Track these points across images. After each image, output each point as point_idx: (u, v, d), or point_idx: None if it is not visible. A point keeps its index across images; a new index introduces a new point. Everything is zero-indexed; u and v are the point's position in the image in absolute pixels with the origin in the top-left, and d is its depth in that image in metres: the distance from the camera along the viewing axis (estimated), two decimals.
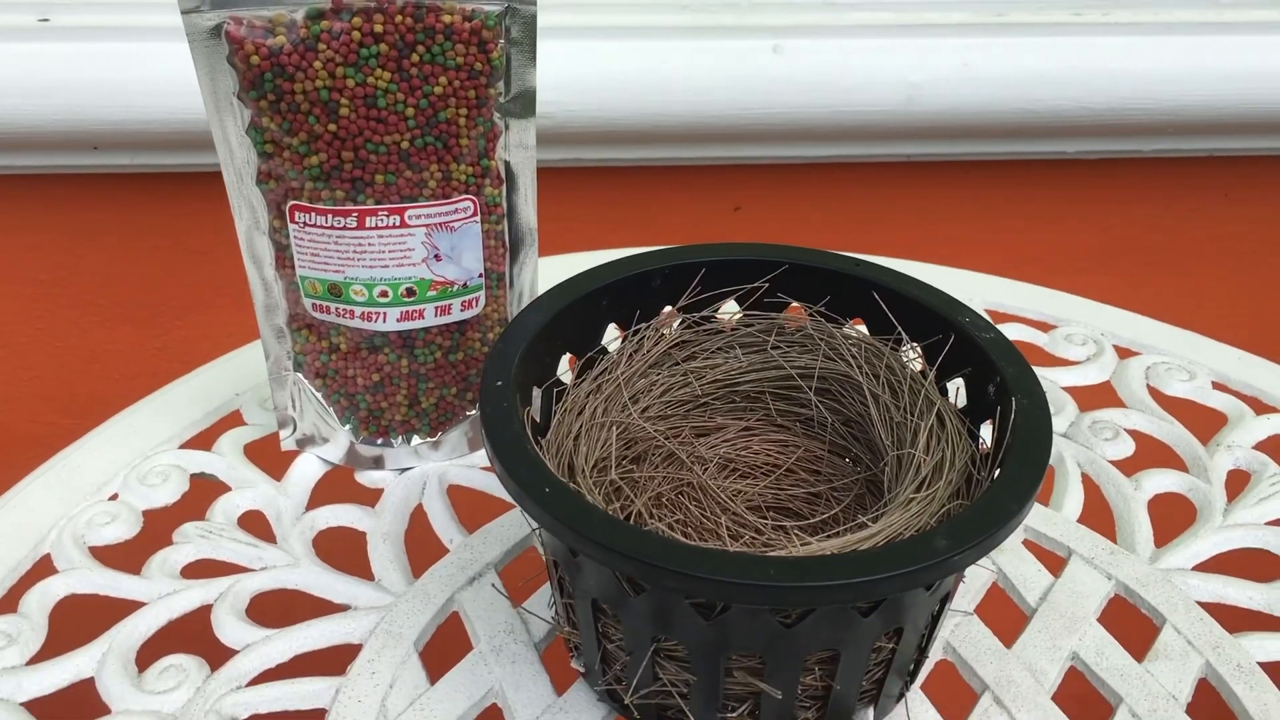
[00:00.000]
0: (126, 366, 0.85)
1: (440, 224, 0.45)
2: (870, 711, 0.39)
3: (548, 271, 0.50)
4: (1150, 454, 0.53)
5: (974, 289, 0.64)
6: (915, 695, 0.42)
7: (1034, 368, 0.51)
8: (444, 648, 0.45)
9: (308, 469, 0.51)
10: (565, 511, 0.34)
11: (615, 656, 0.39)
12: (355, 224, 0.45)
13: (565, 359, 0.44)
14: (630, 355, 0.45)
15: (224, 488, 0.51)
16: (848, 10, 0.77)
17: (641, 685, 0.38)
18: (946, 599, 0.38)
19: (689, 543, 0.33)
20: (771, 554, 0.34)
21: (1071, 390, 0.57)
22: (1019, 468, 0.36)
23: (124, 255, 0.81)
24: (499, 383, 0.39)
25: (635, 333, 0.45)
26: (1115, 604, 0.46)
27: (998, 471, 0.36)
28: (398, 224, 0.45)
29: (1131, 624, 0.46)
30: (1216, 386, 0.57)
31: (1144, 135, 0.80)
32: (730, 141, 0.76)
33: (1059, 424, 0.54)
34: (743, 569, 0.32)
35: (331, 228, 0.45)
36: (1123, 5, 0.79)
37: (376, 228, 0.45)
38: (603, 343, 0.45)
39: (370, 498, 0.50)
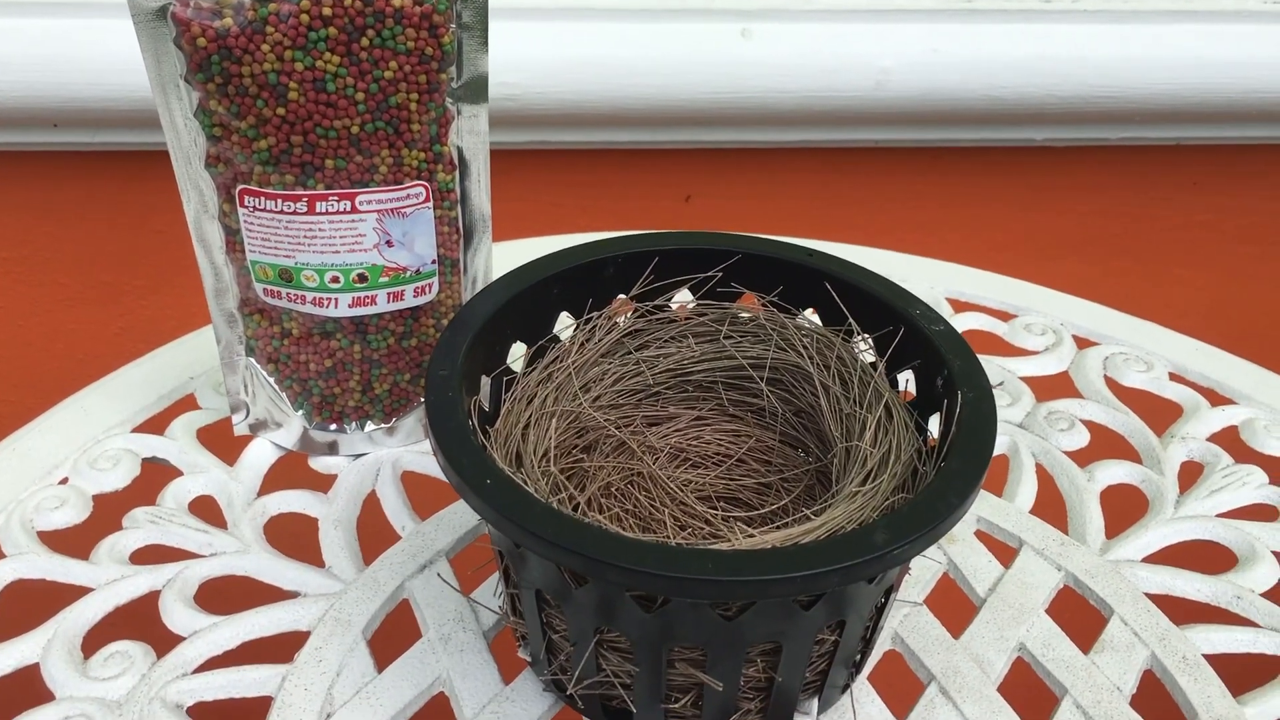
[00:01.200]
0: (89, 347, 0.85)
1: (392, 210, 0.45)
2: (815, 702, 0.39)
3: (502, 257, 0.50)
4: (1105, 445, 0.53)
5: (936, 277, 0.64)
6: (861, 686, 0.42)
7: (993, 357, 0.51)
8: (393, 636, 0.45)
9: (261, 454, 0.51)
10: (506, 504, 0.34)
11: (560, 647, 0.39)
12: (305, 209, 0.44)
13: (516, 347, 0.44)
14: (582, 344, 0.45)
15: (176, 472, 0.50)
16: None
17: (585, 676, 0.38)
18: (891, 590, 0.38)
19: (630, 536, 0.33)
20: (712, 547, 0.33)
21: (1029, 380, 0.57)
22: (962, 461, 0.36)
23: (87, 234, 0.80)
24: (444, 372, 0.39)
25: (587, 321, 0.45)
26: (1064, 595, 0.46)
27: (942, 465, 0.36)
28: (349, 209, 0.45)
29: (1080, 615, 0.46)
30: (1173, 378, 0.58)
31: (1111, 123, 0.80)
32: (698, 125, 0.76)
33: (1015, 414, 0.54)
34: (682, 563, 0.32)
35: (281, 212, 0.44)
36: None
37: (327, 213, 0.44)
38: (554, 331, 0.45)
39: (323, 484, 0.50)
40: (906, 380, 0.42)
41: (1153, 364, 0.58)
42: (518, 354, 0.44)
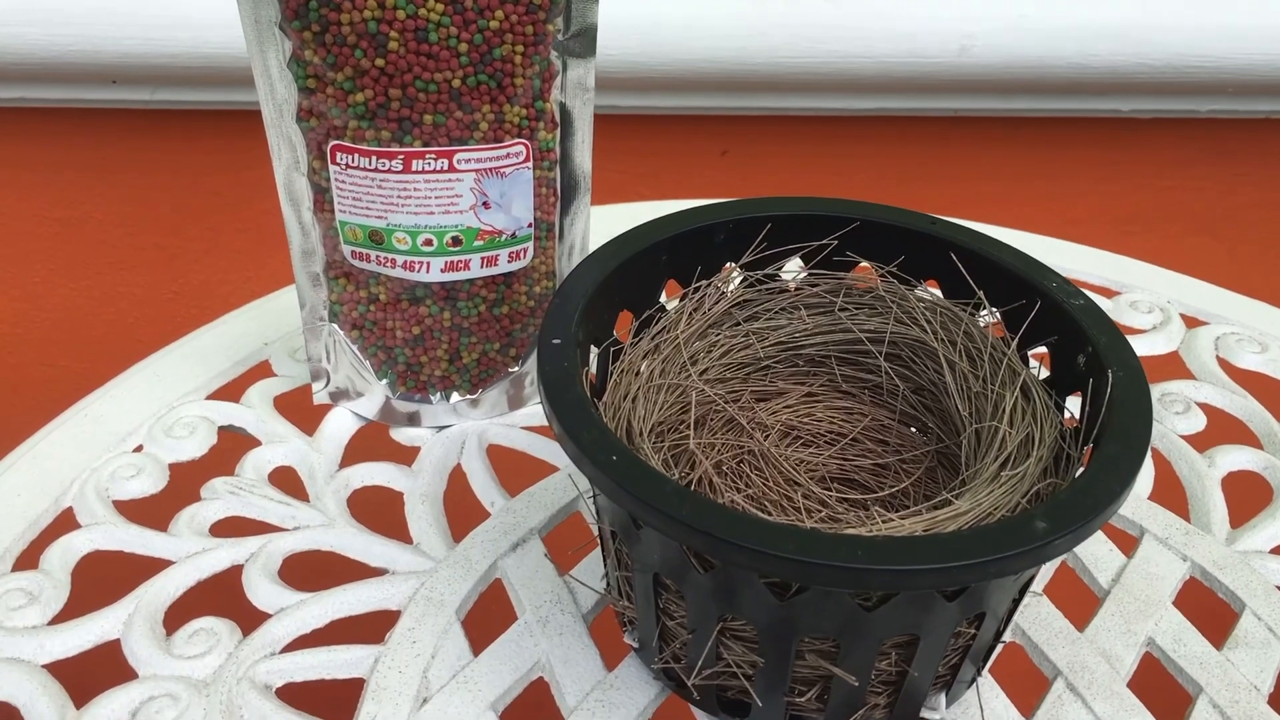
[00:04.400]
0: (141, 310, 0.83)
1: (490, 169, 0.43)
2: (943, 697, 0.37)
3: (596, 223, 0.47)
4: (1222, 429, 0.51)
5: (1031, 250, 0.61)
6: (986, 680, 0.40)
7: None
8: (487, 617, 0.43)
9: (341, 424, 0.49)
10: (634, 481, 0.32)
11: (675, 634, 0.36)
12: (400, 167, 0.42)
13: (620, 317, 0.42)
14: (690, 314, 0.42)
15: (254, 442, 0.48)
16: None
17: (704, 666, 0.36)
18: (1028, 583, 0.36)
19: (768, 518, 0.31)
20: (857, 533, 0.31)
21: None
22: (1120, 445, 0.33)
23: (141, 195, 0.78)
24: (557, 340, 0.36)
25: (695, 290, 0.42)
26: (1190, 586, 0.44)
27: (1093, 449, 0.34)
28: (445, 168, 0.42)
29: (1209, 608, 0.44)
30: None
31: (1201, 94, 0.77)
32: (777, 91, 0.73)
33: None
34: (829, 549, 0.30)
35: (375, 170, 0.42)
36: None
37: (423, 171, 0.42)
38: (661, 300, 0.42)
39: (406, 456, 0.48)
40: (1040, 359, 0.40)
41: (1267, 345, 0.55)
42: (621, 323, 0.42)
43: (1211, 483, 0.48)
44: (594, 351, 0.40)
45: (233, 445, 0.48)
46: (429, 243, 0.44)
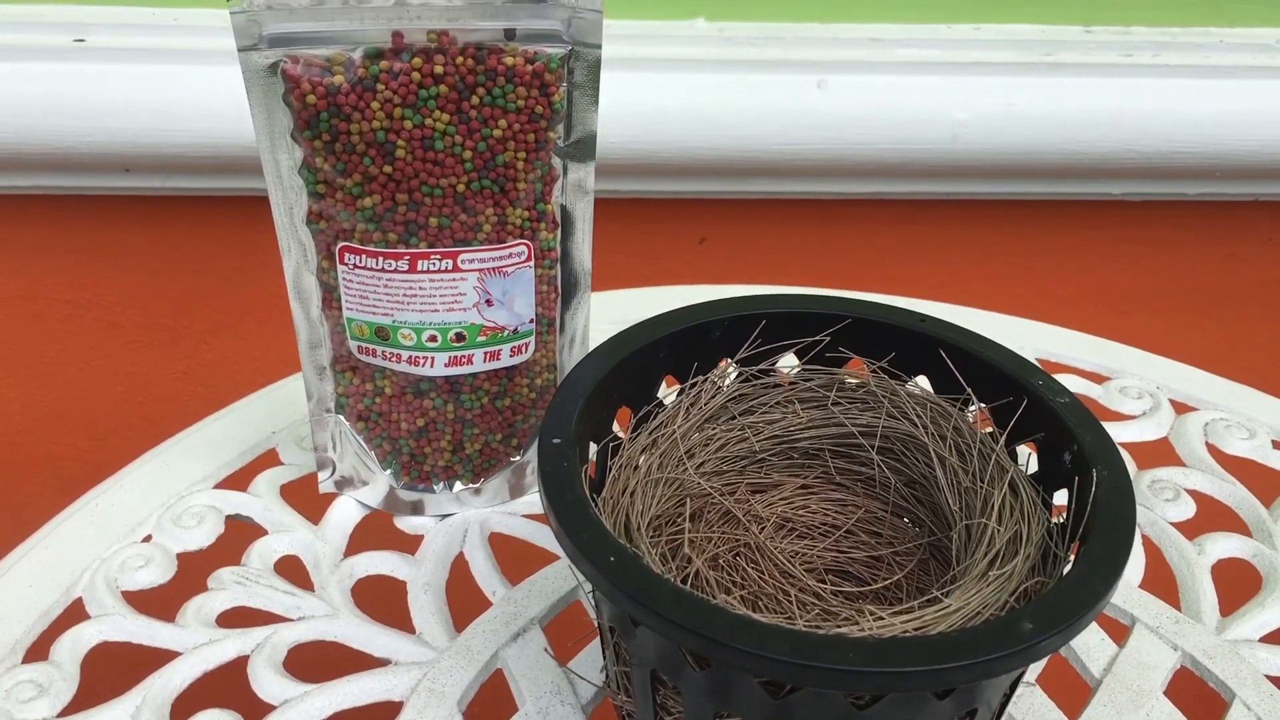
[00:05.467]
0: (150, 390, 0.84)
1: (493, 269, 0.44)
2: None
3: (595, 308, 0.49)
4: (1211, 516, 0.52)
5: (1023, 336, 0.63)
6: None
7: None
8: (487, 708, 0.43)
9: (346, 513, 0.50)
10: (631, 581, 0.32)
11: None
12: (407, 267, 0.43)
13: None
14: (686, 409, 0.43)
15: (260, 530, 0.49)
16: (894, 47, 0.76)
17: None
18: (1020, 676, 0.37)
19: (761, 619, 0.32)
20: (846, 633, 0.32)
21: (1128, 446, 0.55)
22: (1105, 545, 0.34)
23: (150, 278, 0.80)
24: (557, 440, 0.38)
25: (692, 385, 0.44)
26: (1180, 676, 0.45)
27: (1079, 548, 0.35)
28: (450, 268, 0.44)
29: (1198, 698, 0.44)
30: (1277, 445, 0.56)
31: (1190, 178, 0.79)
32: (772, 177, 0.75)
33: None
34: (820, 651, 0.30)
35: (382, 270, 0.43)
36: (1172, 48, 0.78)
37: (428, 271, 0.44)
38: (658, 395, 0.44)
39: (410, 544, 0.49)
40: (1026, 455, 0.41)
41: (1255, 430, 0.56)
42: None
43: (1201, 570, 0.48)
44: (594, 447, 0.41)
45: (240, 533, 0.49)
46: (433, 339, 0.45)
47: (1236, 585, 0.49)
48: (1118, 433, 0.56)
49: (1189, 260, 0.86)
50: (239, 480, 0.52)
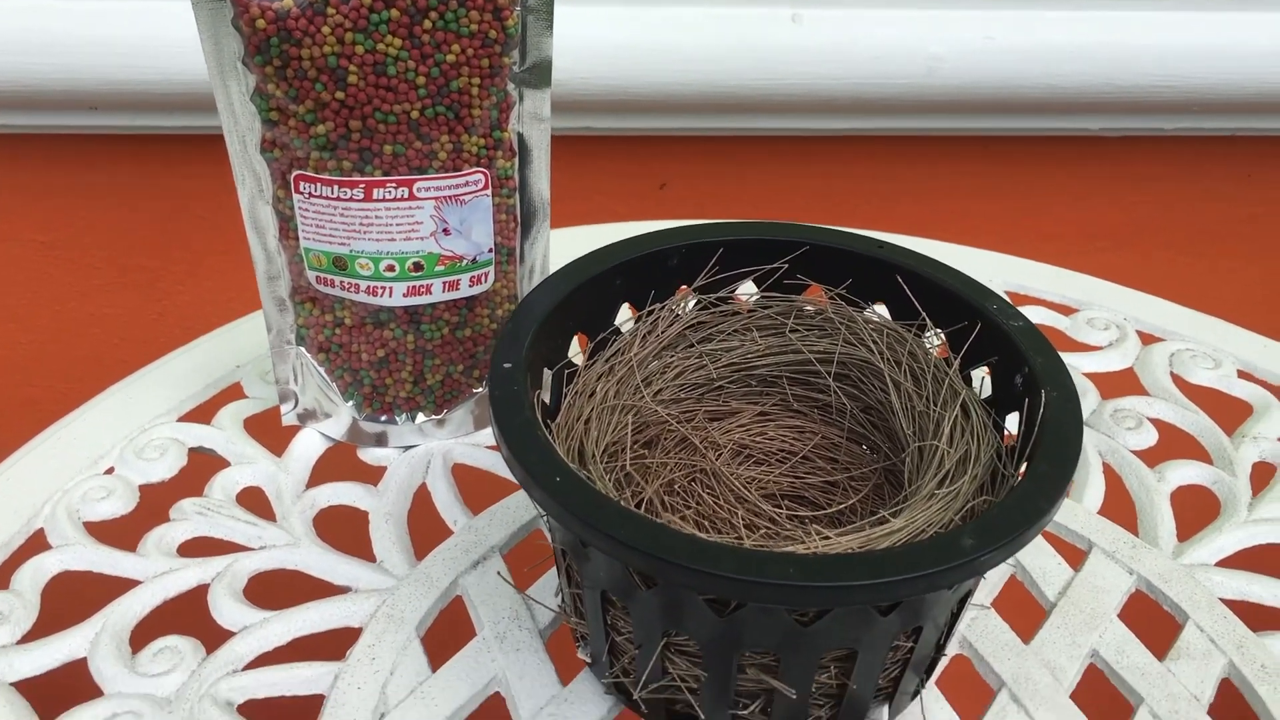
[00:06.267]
0: (126, 331, 0.84)
1: (450, 197, 0.44)
2: (885, 709, 0.38)
3: (557, 245, 0.49)
4: (1173, 444, 0.52)
5: (994, 270, 0.63)
6: (931, 691, 0.41)
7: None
8: (446, 633, 0.44)
9: (309, 445, 0.50)
10: (576, 502, 0.33)
11: (624, 649, 0.37)
12: (362, 196, 0.43)
13: (576, 340, 0.43)
14: (644, 336, 0.43)
15: (223, 463, 0.49)
16: None
17: (650, 680, 0.37)
18: (967, 596, 0.37)
19: (705, 537, 0.32)
20: (791, 550, 0.32)
21: (1093, 377, 0.55)
22: (1049, 464, 0.34)
23: (125, 218, 0.79)
24: (508, 365, 0.38)
25: (649, 313, 0.44)
26: (1136, 600, 0.45)
27: (1025, 467, 0.35)
28: (406, 196, 0.43)
29: (1153, 621, 0.45)
30: (1242, 375, 0.56)
31: (1169, 113, 0.78)
32: (746, 112, 0.75)
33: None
34: (762, 567, 0.31)
35: (337, 199, 0.43)
36: None
37: (384, 200, 0.43)
38: (616, 323, 0.44)
39: (373, 476, 0.49)
40: (981, 378, 0.41)
41: (1220, 361, 0.56)
42: (576, 347, 0.43)
43: (1160, 497, 0.49)
44: (548, 374, 0.41)
45: (203, 466, 0.49)
46: (391, 268, 0.45)
47: (1195, 512, 0.49)
48: (1083, 363, 0.56)
49: (1167, 196, 0.86)
50: (203, 414, 0.52)
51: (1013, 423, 0.39)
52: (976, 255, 0.64)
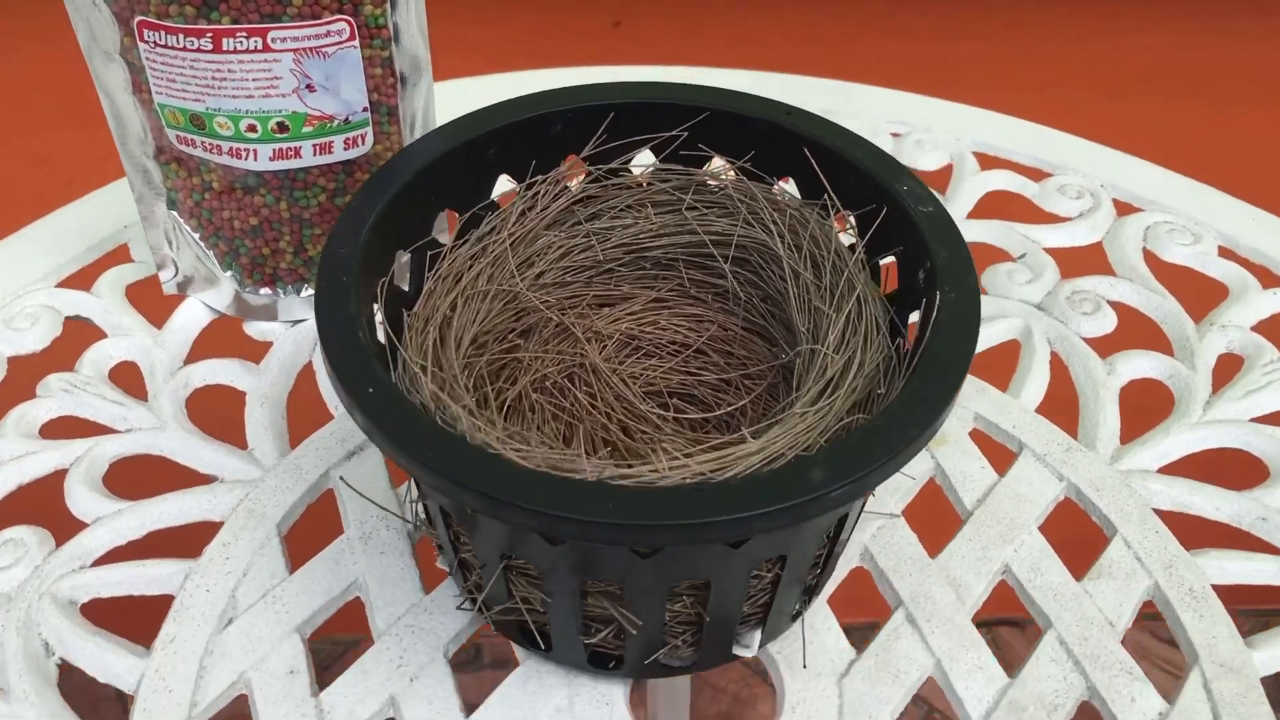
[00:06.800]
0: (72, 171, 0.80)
1: (311, 49, 0.39)
2: (757, 634, 0.35)
3: (443, 101, 0.44)
4: (1133, 332, 0.47)
5: (964, 127, 0.57)
6: (819, 611, 0.37)
7: (1016, 225, 0.45)
8: (314, 530, 0.41)
9: (191, 317, 0.47)
10: (387, 418, 0.29)
11: (471, 565, 0.34)
12: (211, 46, 0.38)
13: (444, 217, 0.39)
14: (524, 213, 0.39)
15: (99, 334, 0.46)
16: None
17: (494, 601, 0.34)
18: (846, 517, 0.33)
19: (522, 464, 0.28)
20: (617, 482, 0.29)
21: (1055, 252, 0.50)
22: (928, 381, 0.30)
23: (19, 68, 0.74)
24: (344, 250, 0.33)
25: (529, 186, 0.39)
26: (1064, 509, 0.41)
27: (903, 382, 0.31)
28: (260, 47, 0.39)
29: (1080, 533, 0.41)
30: (1223, 252, 0.51)
31: None
32: None
33: (1034, 292, 0.48)
34: (578, 501, 0.27)
35: (185, 49, 0.39)
36: None
37: (236, 51, 0.39)
38: (492, 198, 0.39)
39: (258, 353, 0.46)
40: (887, 270, 0.36)
41: (1201, 235, 0.51)
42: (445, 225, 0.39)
43: (1108, 392, 0.44)
44: (404, 256, 0.37)
45: (80, 335, 0.46)
46: (253, 129, 0.40)
47: (1149, 412, 0.45)
48: (1046, 236, 0.51)
49: (1187, 38, 0.78)
50: (84, 279, 0.48)
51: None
52: (947, 109, 0.58)
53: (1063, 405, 0.44)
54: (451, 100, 0.42)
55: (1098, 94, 0.79)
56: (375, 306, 0.34)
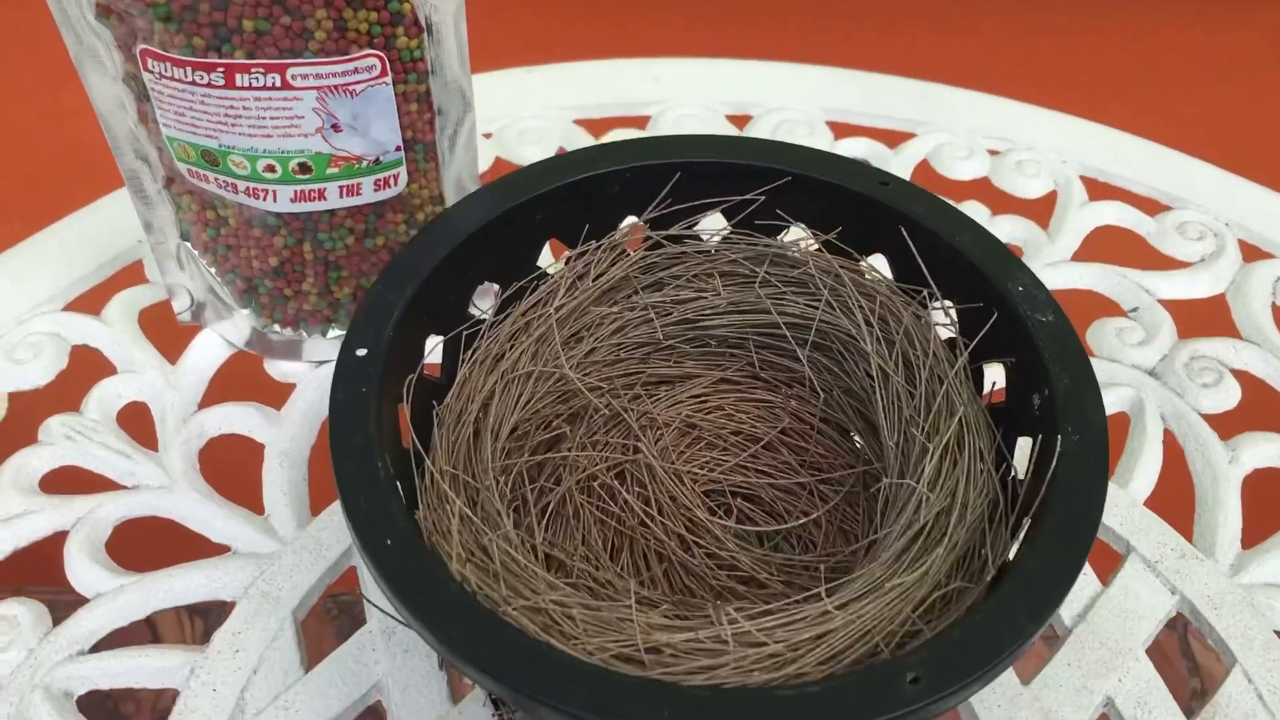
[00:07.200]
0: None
1: (336, 86, 0.34)
2: None
3: (484, 88, 0.39)
4: (1259, 408, 0.41)
5: (1069, 148, 0.51)
6: None
7: (1129, 271, 0.39)
8: (337, 613, 0.37)
9: (207, 353, 0.43)
10: (406, 583, 0.25)
11: (502, 700, 0.31)
12: (223, 81, 0.34)
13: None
14: (574, 282, 0.34)
15: (109, 367, 0.42)
16: None
17: None
18: None
19: (558, 648, 0.24)
20: (661, 679, 0.24)
21: (1172, 305, 0.44)
22: (1043, 560, 0.25)
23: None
24: (362, 351, 0.29)
25: (581, 254, 0.34)
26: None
27: (1016, 550, 0.26)
28: (278, 84, 0.34)
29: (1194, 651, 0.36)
30: None
31: None
32: None
33: (1147, 357, 0.42)
34: (624, 705, 0.23)
35: (194, 84, 0.34)
36: None
37: (252, 88, 0.34)
38: (540, 267, 0.34)
39: (279, 393, 0.42)
40: (992, 384, 0.31)
41: None
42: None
43: (1229, 486, 0.39)
44: (438, 343, 0.32)
45: (88, 366, 0.42)
46: (271, 169, 0.36)
47: (1274, 509, 0.39)
48: (1164, 286, 0.45)
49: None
50: (93, 300, 0.44)
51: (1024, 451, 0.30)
52: (1053, 122, 0.52)
53: (1174, 492, 0.39)
54: (507, 89, 0.37)
55: (1225, 105, 0.71)
56: (401, 406, 0.30)
